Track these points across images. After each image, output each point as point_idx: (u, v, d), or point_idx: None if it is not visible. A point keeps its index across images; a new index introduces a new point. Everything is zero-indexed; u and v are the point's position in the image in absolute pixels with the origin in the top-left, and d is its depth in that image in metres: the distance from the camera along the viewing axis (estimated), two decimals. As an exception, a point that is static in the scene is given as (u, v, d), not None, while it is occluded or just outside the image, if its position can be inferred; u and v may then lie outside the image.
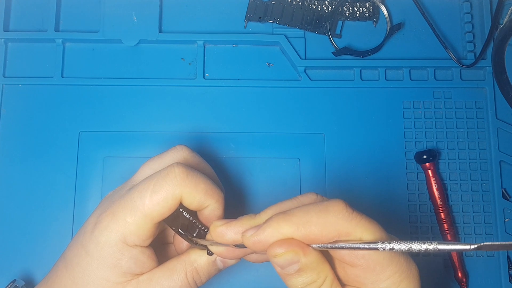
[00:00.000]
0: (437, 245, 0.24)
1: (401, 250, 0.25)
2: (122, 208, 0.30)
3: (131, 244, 0.30)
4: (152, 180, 0.30)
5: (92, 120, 0.42)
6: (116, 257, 0.29)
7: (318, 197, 0.29)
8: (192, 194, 0.30)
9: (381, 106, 0.43)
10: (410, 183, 0.42)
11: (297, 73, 0.44)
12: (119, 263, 0.30)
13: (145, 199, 0.29)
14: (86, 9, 0.45)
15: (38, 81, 0.43)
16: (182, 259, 0.31)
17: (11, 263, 0.40)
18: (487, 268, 0.41)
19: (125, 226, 0.29)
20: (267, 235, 0.26)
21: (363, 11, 0.45)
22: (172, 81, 0.43)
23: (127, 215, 0.29)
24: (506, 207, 0.42)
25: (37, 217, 0.41)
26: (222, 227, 0.29)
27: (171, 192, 0.29)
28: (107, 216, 0.30)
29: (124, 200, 0.30)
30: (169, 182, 0.29)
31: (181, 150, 0.33)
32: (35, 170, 0.41)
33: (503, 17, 0.45)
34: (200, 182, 0.30)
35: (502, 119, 0.43)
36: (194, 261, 0.31)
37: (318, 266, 0.27)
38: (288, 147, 0.42)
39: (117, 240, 0.29)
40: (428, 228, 0.41)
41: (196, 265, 0.31)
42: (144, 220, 0.29)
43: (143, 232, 0.30)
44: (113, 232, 0.29)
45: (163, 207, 0.29)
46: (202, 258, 0.31)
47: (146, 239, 0.30)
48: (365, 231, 0.26)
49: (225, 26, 0.44)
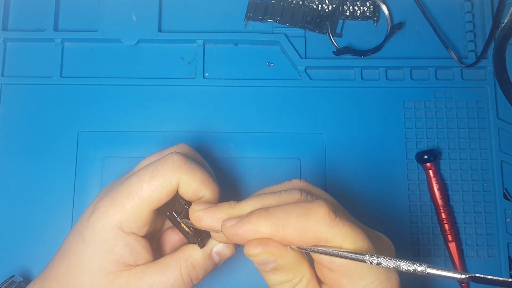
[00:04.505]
0: (426, 268, 0.23)
1: (389, 267, 0.24)
2: (120, 194, 0.30)
3: (127, 230, 0.30)
4: (151, 166, 0.30)
5: (91, 120, 0.42)
6: (110, 243, 0.29)
7: (303, 195, 0.28)
8: (189, 181, 0.30)
9: (381, 106, 0.43)
10: (411, 183, 0.42)
11: (297, 73, 0.44)
12: (113, 249, 0.29)
13: (143, 184, 0.29)
14: (85, 9, 0.44)
15: (37, 80, 0.43)
16: (177, 255, 0.31)
17: (9, 261, 0.40)
18: (488, 269, 0.41)
19: (122, 212, 0.29)
20: (245, 230, 0.26)
21: (364, 11, 0.45)
22: (171, 80, 0.43)
23: (125, 201, 0.29)
24: (507, 207, 0.42)
25: (36, 216, 0.41)
26: (201, 212, 0.29)
27: (168, 177, 0.30)
28: (105, 202, 0.30)
29: (122, 186, 0.30)
30: (167, 168, 0.30)
31: (181, 147, 0.34)
32: (34, 170, 0.41)
33: (504, 16, 0.45)
34: (197, 171, 0.31)
35: (503, 119, 0.43)
36: (189, 256, 0.31)
37: (295, 266, 0.27)
38: (288, 147, 0.42)
39: (113, 225, 0.29)
40: (429, 228, 0.41)
41: (192, 260, 0.31)
42: (142, 205, 0.29)
43: (140, 218, 0.30)
44: (110, 217, 0.29)
45: (161, 193, 0.30)
46: (197, 252, 0.31)
47: (142, 226, 0.30)
48: (346, 239, 0.25)
49: (225, 26, 0.44)
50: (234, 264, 0.40)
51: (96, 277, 0.30)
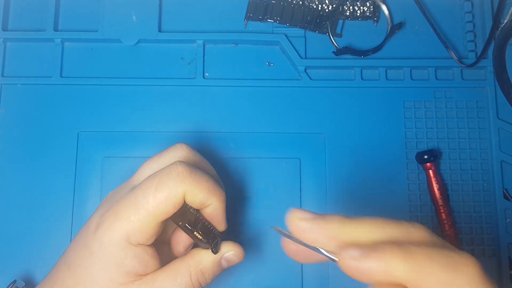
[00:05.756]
0: None
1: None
2: (125, 207, 0.29)
3: (134, 243, 0.29)
4: (155, 178, 0.30)
5: (91, 120, 0.42)
6: (120, 256, 0.29)
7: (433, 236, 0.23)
8: (195, 192, 0.30)
9: (382, 106, 0.43)
10: (411, 183, 0.42)
11: (297, 73, 0.44)
12: (123, 262, 0.29)
13: (149, 197, 0.29)
14: (85, 9, 0.44)
15: (37, 80, 0.43)
16: (186, 261, 0.31)
17: (11, 264, 0.40)
18: (488, 269, 0.41)
19: (129, 225, 0.29)
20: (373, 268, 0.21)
21: (364, 11, 0.45)
22: (171, 80, 0.43)
23: (130, 214, 0.29)
24: (507, 207, 0.42)
25: (36, 217, 0.41)
26: (308, 222, 0.23)
27: (174, 190, 0.29)
28: (110, 216, 0.30)
29: (127, 199, 0.30)
30: (172, 180, 0.29)
31: (181, 149, 0.33)
32: (34, 170, 0.41)
33: (504, 16, 0.44)
34: (203, 180, 0.30)
35: (503, 119, 0.43)
36: (199, 262, 0.31)
37: None
38: (288, 147, 0.42)
39: (121, 239, 0.29)
40: (429, 228, 0.41)
41: (201, 266, 0.31)
42: (148, 218, 0.29)
43: (147, 230, 0.29)
44: (117, 231, 0.29)
45: (167, 205, 0.29)
46: (207, 258, 0.31)
47: (149, 237, 0.30)
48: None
49: (225, 26, 0.44)
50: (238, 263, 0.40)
51: None
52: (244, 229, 0.41)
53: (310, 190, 0.41)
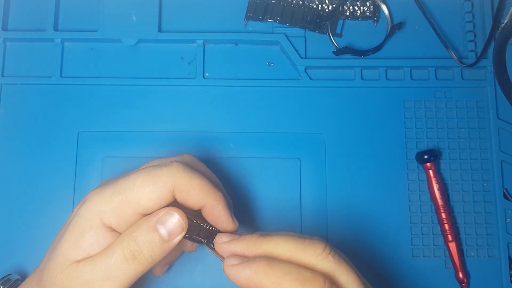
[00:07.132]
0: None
1: None
2: (111, 187, 0.29)
3: (106, 223, 0.29)
4: (148, 168, 0.30)
5: (91, 120, 0.42)
6: (84, 228, 0.29)
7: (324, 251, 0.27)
8: (186, 188, 0.29)
9: (382, 106, 0.43)
10: (411, 183, 0.42)
11: (297, 73, 0.44)
12: (83, 236, 0.29)
13: (136, 181, 0.29)
14: (85, 9, 0.44)
15: (37, 80, 0.43)
16: (124, 232, 0.30)
17: (7, 260, 0.40)
18: (488, 269, 0.41)
19: (107, 205, 0.29)
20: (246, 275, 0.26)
21: (364, 10, 0.45)
22: (171, 80, 0.43)
23: (112, 194, 0.29)
24: (508, 207, 0.42)
25: (35, 216, 0.41)
26: (223, 245, 0.29)
27: (163, 180, 0.29)
28: (95, 193, 0.30)
29: (116, 181, 0.30)
30: (163, 173, 0.29)
31: (186, 157, 0.34)
32: (34, 170, 0.41)
33: (504, 16, 0.45)
34: (195, 178, 0.30)
35: (503, 119, 0.43)
36: (132, 229, 0.29)
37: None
38: (288, 147, 0.42)
39: (94, 215, 0.29)
40: (429, 228, 0.41)
41: (134, 233, 0.29)
42: (129, 203, 0.29)
43: (123, 216, 0.29)
44: (94, 206, 0.29)
45: (151, 194, 0.29)
46: (140, 223, 0.29)
47: (123, 224, 0.29)
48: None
49: (225, 25, 0.44)
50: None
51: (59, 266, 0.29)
52: (244, 229, 0.41)
53: (310, 190, 0.41)
